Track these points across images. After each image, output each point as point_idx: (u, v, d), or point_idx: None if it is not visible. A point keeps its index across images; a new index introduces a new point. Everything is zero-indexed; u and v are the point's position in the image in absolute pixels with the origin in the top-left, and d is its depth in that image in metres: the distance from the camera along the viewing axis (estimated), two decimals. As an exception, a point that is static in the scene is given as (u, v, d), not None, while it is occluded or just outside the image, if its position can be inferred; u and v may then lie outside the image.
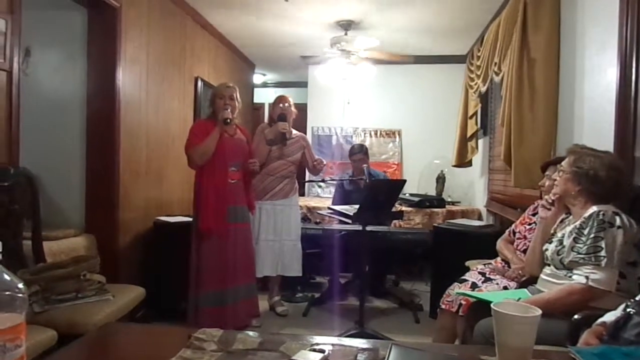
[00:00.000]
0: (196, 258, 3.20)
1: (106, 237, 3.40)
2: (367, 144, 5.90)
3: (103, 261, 2.52)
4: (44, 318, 2.06)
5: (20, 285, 0.83)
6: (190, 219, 3.63)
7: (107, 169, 3.43)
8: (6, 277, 0.82)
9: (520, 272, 2.57)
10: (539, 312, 1.10)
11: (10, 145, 2.61)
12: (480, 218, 5.24)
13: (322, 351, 1.09)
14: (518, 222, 2.94)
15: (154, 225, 3.83)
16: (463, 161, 5.35)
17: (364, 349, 1.17)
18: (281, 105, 3.89)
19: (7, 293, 0.81)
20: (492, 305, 1.11)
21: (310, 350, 1.10)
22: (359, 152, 4.71)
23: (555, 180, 2.14)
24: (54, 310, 2.15)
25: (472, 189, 5.94)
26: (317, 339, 1.26)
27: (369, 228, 3.38)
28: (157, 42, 4.03)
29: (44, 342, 1.87)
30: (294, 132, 4.00)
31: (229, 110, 3.24)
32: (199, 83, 4.95)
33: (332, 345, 1.19)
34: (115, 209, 3.47)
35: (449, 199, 5.70)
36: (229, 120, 3.23)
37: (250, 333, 1.27)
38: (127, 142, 3.59)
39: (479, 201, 5.52)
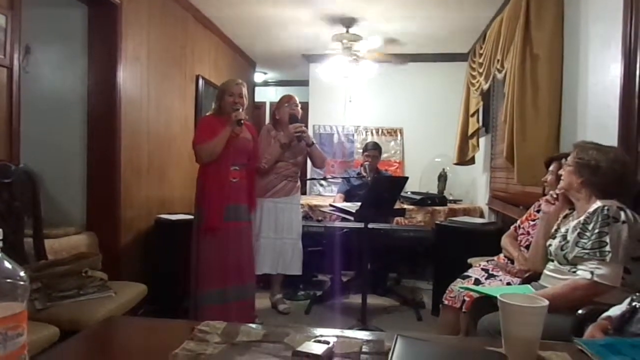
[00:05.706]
0: (196, 256, 3.19)
1: (108, 235, 3.39)
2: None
3: (105, 259, 2.50)
4: (46, 315, 2.05)
5: (22, 274, 0.82)
6: (192, 217, 3.63)
7: (109, 167, 3.42)
8: (7, 264, 0.81)
9: (523, 268, 2.56)
10: (546, 302, 1.09)
11: (11, 142, 2.60)
12: (482, 216, 5.22)
13: (327, 342, 1.08)
14: (523, 217, 2.93)
15: (155, 223, 3.82)
16: (464, 159, 5.33)
17: (368, 341, 1.16)
18: (287, 105, 3.86)
19: (9, 281, 0.80)
20: (499, 296, 1.11)
21: (314, 341, 1.09)
22: (374, 149, 4.86)
23: (559, 175, 2.14)
24: (56, 307, 2.13)
25: (473, 186, 5.92)
26: (321, 331, 1.25)
27: (370, 226, 3.36)
28: (157, 39, 4.02)
29: (46, 338, 1.86)
30: None
31: (240, 110, 3.20)
32: (200, 81, 4.93)
33: (337, 337, 1.17)
34: (117, 206, 3.46)
35: (451, 197, 5.68)
36: (242, 122, 3.20)
37: (254, 326, 1.26)
38: (129, 140, 3.58)
39: (481, 199, 5.50)
